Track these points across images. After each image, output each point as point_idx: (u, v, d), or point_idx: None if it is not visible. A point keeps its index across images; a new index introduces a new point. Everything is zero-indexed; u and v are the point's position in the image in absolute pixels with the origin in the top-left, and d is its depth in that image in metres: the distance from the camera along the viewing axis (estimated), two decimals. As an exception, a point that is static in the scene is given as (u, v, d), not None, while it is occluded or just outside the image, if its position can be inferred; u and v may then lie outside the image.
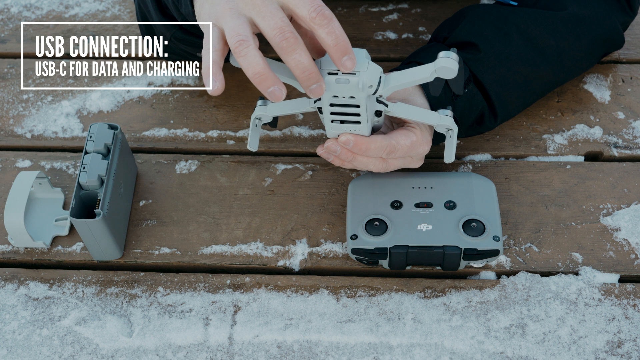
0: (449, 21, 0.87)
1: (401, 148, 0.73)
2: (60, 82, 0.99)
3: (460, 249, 0.73)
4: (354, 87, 0.64)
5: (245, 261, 0.80)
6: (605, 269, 0.77)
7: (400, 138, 0.72)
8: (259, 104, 0.75)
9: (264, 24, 0.61)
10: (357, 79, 0.64)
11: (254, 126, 0.75)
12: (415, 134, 0.73)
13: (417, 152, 0.75)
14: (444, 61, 0.63)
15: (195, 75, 0.98)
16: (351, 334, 0.74)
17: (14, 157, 0.91)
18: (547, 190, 0.84)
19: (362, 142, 0.70)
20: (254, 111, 0.75)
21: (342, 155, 0.72)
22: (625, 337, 0.73)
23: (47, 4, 1.10)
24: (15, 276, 0.79)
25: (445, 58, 0.63)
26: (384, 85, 0.66)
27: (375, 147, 0.71)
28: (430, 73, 0.65)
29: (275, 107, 0.74)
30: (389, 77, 0.67)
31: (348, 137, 0.70)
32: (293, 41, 0.61)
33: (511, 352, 0.72)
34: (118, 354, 0.73)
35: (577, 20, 0.84)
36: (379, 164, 0.74)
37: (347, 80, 0.64)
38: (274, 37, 0.61)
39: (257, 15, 0.62)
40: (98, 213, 0.73)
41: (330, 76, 0.64)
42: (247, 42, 0.61)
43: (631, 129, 0.90)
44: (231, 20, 0.63)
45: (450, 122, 0.72)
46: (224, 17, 0.63)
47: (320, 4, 0.61)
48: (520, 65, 0.82)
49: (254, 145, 0.76)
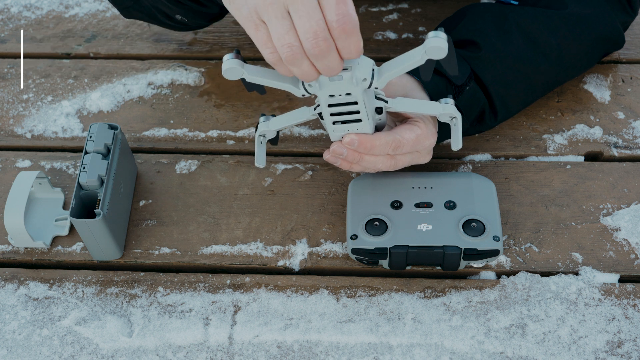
0: (450, 19, 0.87)
1: (407, 142, 0.72)
2: (60, 82, 0.99)
3: (460, 249, 0.73)
4: (348, 82, 0.65)
5: (245, 261, 0.80)
6: (605, 269, 0.77)
7: (404, 132, 0.72)
8: (261, 120, 0.75)
9: (299, 23, 0.59)
10: (350, 73, 0.64)
11: (259, 143, 0.75)
12: (420, 127, 0.73)
13: (423, 146, 0.74)
14: (434, 41, 0.63)
15: (196, 75, 0.98)
16: (351, 334, 0.74)
17: (14, 157, 0.91)
18: (547, 190, 0.84)
19: (366, 140, 0.70)
20: (256, 128, 0.75)
21: (349, 156, 0.72)
22: (625, 337, 0.73)
23: (47, 4, 1.10)
24: (15, 276, 0.79)
25: (435, 38, 0.63)
26: (377, 77, 0.66)
27: (381, 144, 0.71)
28: (421, 55, 0.64)
29: (277, 121, 0.74)
30: (381, 68, 0.67)
31: (352, 137, 0.70)
32: (325, 48, 0.59)
33: (511, 352, 0.72)
34: (118, 354, 0.73)
35: (578, 19, 0.84)
36: (387, 161, 0.74)
37: (340, 77, 0.64)
38: (306, 40, 0.59)
39: (294, 12, 0.59)
40: (98, 213, 0.73)
41: (323, 76, 0.64)
42: (299, 52, 0.60)
43: (631, 129, 0.90)
44: (276, 21, 0.60)
45: (453, 110, 0.71)
46: (266, 12, 0.60)
47: (346, 12, 0.58)
48: (520, 63, 0.82)
49: (261, 162, 0.76)
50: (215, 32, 1.05)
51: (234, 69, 0.65)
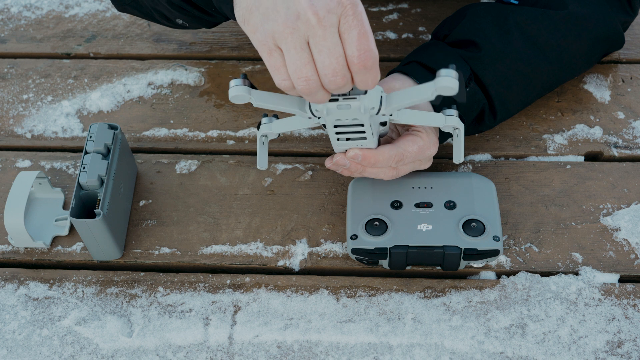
0: (450, 19, 0.87)
1: (409, 155, 0.73)
2: (60, 82, 0.99)
3: (460, 249, 0.73)
4: (356, 111, 0.64)
5: (245, 261, 0.80)
6: (605, 269, 0.77)
7: (407, 145, 0.72)
8: (263, 121, 0.74)
9: (319, 58, 0.58)
10: (359, 103, 0.64)
11: (261, 144, 0.74)
12: (422, 138, 0.73)
13: (425, 155, 0.75)
14: (445, 80, 0.62)
15: (196, 75, 0.98)
16: (351, 334, 0.74)
17: (14, 157, 0.91)
18: (547, 190, 0.84)
19: (370, 155, 0.71)
20: (259, 129, 0.74)
21: (352, 168, 0.72)
22: (625, 337, 0.73)
23: (47, 4, 1.10)
24: (15, 276, 0.79)
25: (446, 77, 0.62)
26: (386, 105, 0.66)
27: (384, 159, 0.71)
28: (432, 92, 0.64)
29: (280, 125, 0.73)
30: (390, 97, 0.66)
31: (356, 152, 0.70)
32: (342, 84, 0.59)
33: (511, 352, 0.72)
34: (118, 354, 0.73)
35: (578, 19, 0.84)
36: (389, 172, 0.74)
37: (348, 106, 0.64)
38: (325, 76, 0.59)
39: (314, 45, 0.58)
40: (98, 213, 0.73)
41: (331, 103, 0.64)
42: (316, 86, 0.59)
43: (631, 129, 0.90)
44: (294, 52, 0.58)
45: (456, 122, 0.71)
46: (284, 41, 0.58)
47: (368, 47, 0.57)
48: (520, 63, 0.82)
49: (263, 164, 0.74)
50: (216, 32, 1.05)
51: (241, 96, 0.65)
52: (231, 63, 1.00)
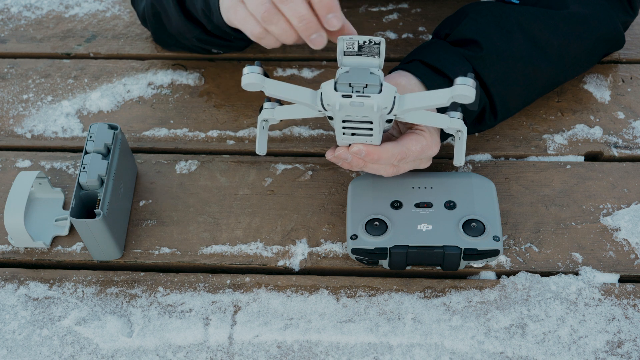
0: (451, 18, 0.87)
1: (412, 153, 0.73)
2: (60, 82, 0.99)
3: (460, 249, 0.73)
4: (368, 110, 0.64)
5: (245, 261, 0.80)
6: (605, 269, 0.77)
7: (410, 144, 0.73)
8: (266, 106, 0.72)
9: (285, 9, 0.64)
10: (372, 102, 0.63)
11: (261, 128, 0.73)
12: (425, 138, 0.73)
13: (426, 155, 0.75)
14: (462, 88, 0.62)
15: (195, 75, 0.98)
16: (351, 334, 0.74)
17: (14, 157, 0.91)
18: (547, 190, 0.84)
19: (374, 152, 0.70)
20: (260, 113, 0.72)
21: (354, 162, 0.72)
22: (625, 337, 0.73)
23: (47, 4, 1.10)
24: (15, 276, 0.79)
25: (463, 85, 0.62)
26: (398, 106, 0.66)
27: (387, 156, 0.71)
28: (448, 99, 0.63)
29: (283, 111, 0.72)
30: (403, 99, 0.66)
31: (360, 147, 0.70)
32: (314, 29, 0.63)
33: (511, 352, 0.72)
34: (118, 354, 0.73)
35: (579, 19, 0.84)
36: (390, 169, 0.74)
37: (361, 104, 0.63)
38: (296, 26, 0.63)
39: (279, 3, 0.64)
40: (98, 213, 0.73)
41: (344, 99, 0.63)
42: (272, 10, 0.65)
43: (631, 129, 0.90)
44: None
45: (460, 125, 0.71)
46: None
47: None
48: (521, 63, 0.82)
49: (262, 149, 0.73)
50: (215, 32, 1.05)
51: (255, 84, 0.64)
52: (231, 63, 1.00)
